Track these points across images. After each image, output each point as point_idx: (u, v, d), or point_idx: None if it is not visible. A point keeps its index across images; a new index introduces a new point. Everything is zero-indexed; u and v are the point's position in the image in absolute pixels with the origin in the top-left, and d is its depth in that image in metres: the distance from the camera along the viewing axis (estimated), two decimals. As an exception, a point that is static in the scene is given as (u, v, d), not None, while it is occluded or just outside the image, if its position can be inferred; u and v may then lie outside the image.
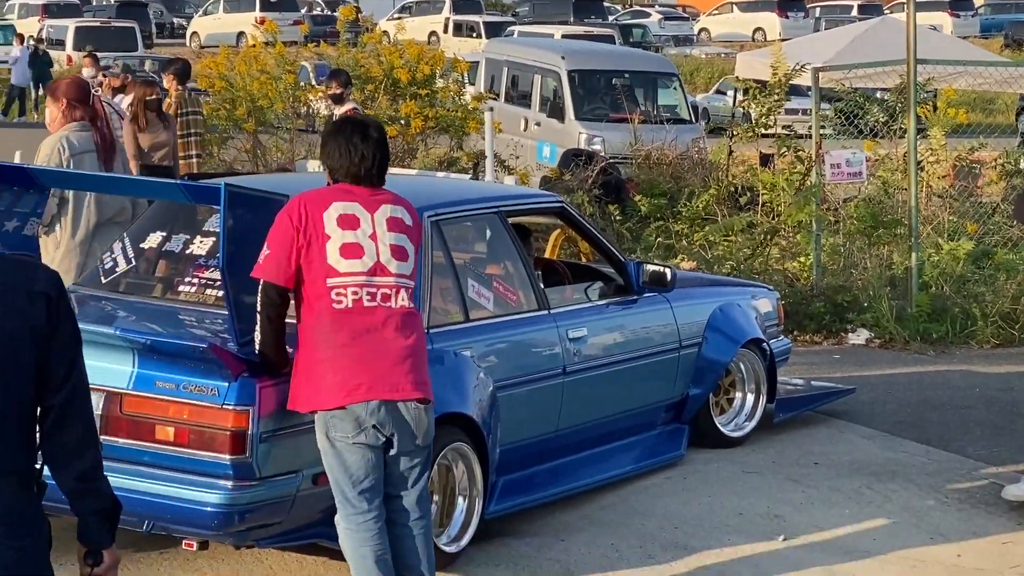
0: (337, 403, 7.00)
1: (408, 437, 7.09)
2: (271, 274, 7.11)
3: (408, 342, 7.13)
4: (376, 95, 19.93)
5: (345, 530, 7.14)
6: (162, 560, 8.04)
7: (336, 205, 7.12)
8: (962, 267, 15.78)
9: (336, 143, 7.27)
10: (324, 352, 7.08)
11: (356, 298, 7.06)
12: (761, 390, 10.93)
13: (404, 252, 7.18)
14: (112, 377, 7.33)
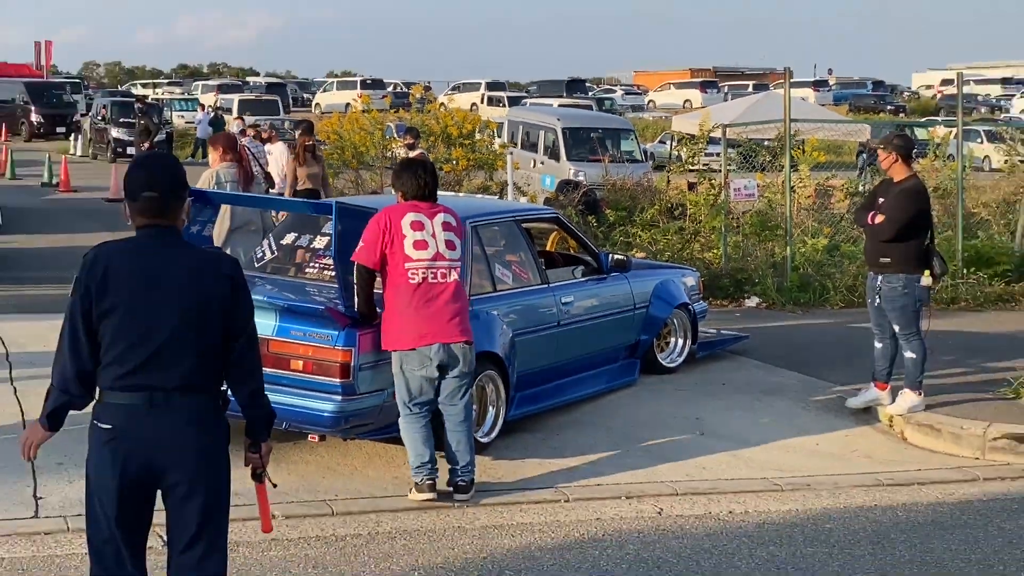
0: (410, 345, 7.12)
1: (457, 366, 7.18)
2: (364, 259, 7.24)
3: (458, 305, 7.24)
4: (436, 144, 19.95)
5: (403, 425, 7.30)
6: (296, 447, 8.06)
7: (409, 215, 7.24)
8: (820, 255, 15.74)
9: (407, 175, 7.38)
10: (403, 311, 7.16)
11: (424, 276, 7.14)
12: (688, 336, 10.90)
13: (453, 245, 7.28)
14: (262, 328, 7.12)
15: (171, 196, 4.50)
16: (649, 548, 6.76)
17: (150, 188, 4.47)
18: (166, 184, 4.50)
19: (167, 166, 4.62)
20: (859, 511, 7.62)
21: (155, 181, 4.48)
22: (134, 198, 4.48)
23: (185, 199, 4.58)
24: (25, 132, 46.74)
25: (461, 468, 7.37)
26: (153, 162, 4.67)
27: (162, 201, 4.47)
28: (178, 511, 4.48)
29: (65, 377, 4.45)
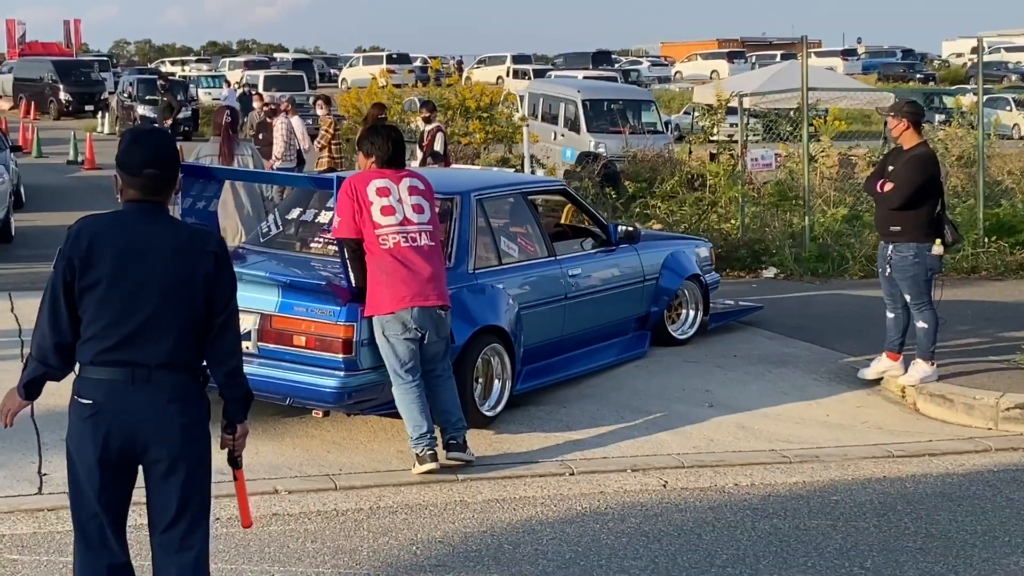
0: (389, 309, 7.13)
1: (434, 331, 7.20)
2: (344, 232, 7.26)
3: (433, 268, 7.22)
4: (454, 117, 19.91)
5: (398, 394, 7.25)
6: (301, 422, 8.05)
7: (374, 182, 7.26)
8: (839, 225, 15.64)
9: (376, 138, 7.41)
10: (379, 277, 7.16)
11: (395, 241, 7.13)
12: (699, 308, 10.80)
13: (421, 208, 7.27)
14: (265, 304, 7.37)
15: (171, 174, 4.49)
16: (651, 521, 6.71)
17: (153, 166, 4.43)
18: (167, 162, 4.47)
19: (167, 144, 4.57)
20: (867, 482, 7.54)
21: (158, 159, 4.44)
22: (134, 173, 4.43)
23: (177, 177, 4.57)
24: (54, 110, 46.99)
25: (452, 426, 7.36)
26: (153, 138, 4.61)
27: (162, 179, 4.45)
28: (159, 488, 4.45)
29: (43, 348, 4.42)
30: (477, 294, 8.06)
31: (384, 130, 7.53)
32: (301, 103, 35.53)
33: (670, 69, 73.19)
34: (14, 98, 50.10)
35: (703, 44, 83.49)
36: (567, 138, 24.33)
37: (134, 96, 39.71)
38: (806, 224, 15.15)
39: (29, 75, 50.12)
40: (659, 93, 49.83)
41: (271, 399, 7.43)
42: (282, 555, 6.03)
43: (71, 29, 65.91)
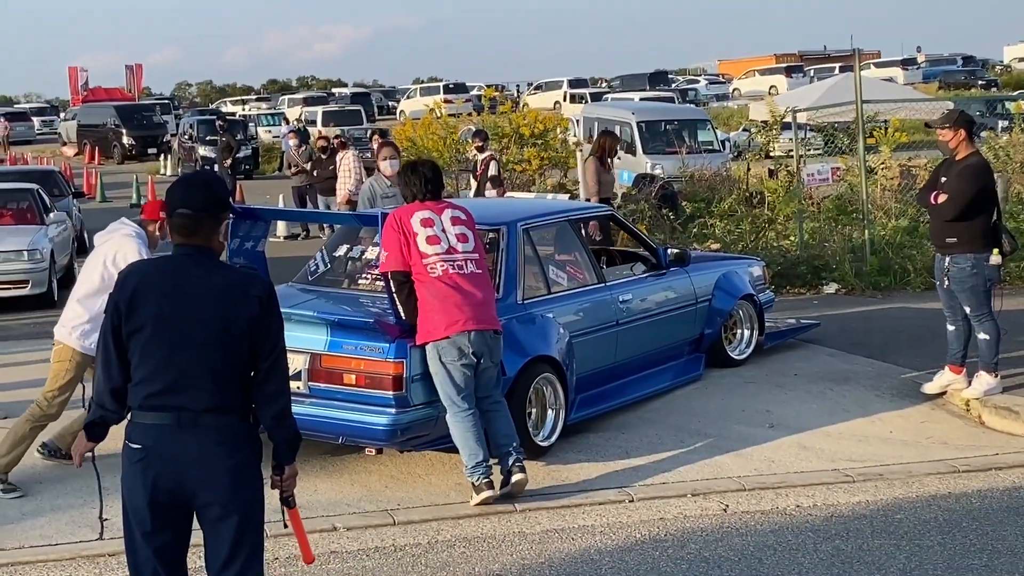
0: (443, 334, 7.18)
1: (488, 356, 7.24)
2: (392, 265, 7.36)
3: (482, 293, 7.30)
4: (509, 145, 19.97)
5: (453, 423, 7.27)
6: (359, 458, 8.06)
7: (417, 213, 7.36)
8: (900, 237, 15.49)
9: (411, 176, 7.54)
10: (432, 303, 7.21)
11: (444, 268, 7.20)
12: (754, 327, 10.73)
13: (466, 237, 7.36)
14: (314, 343, 7.41)
15: (205, 215, 4.49)
16: (711, 547, 6.65)
17: (184, 205, 4.49)
18: (199, 203, 4.50)
19: (205, 184, 4.63)
20: (931, 500, 7.43)
21: (190, 199, 4.50)
22: (170, 215, 4.50)
23: (221, 220, 4.57)
24: (117, 155, 47.74)
25: (515, 449, 7.35)
26: (192, 180, 4.70)
27: (195, 219, 4.48)
28: (212, 532, 4.49)
29: (100, 392, 4.52)
30: (527, 324, 8.06)
31: (418, 166, 7.61)
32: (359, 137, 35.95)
33: (728, 86, 72.83)
34: (79, 144, 51.02)
35: (761, 60, 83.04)
36: (623, 161, 24.23)
37: (194, 137, 40.16)
38: (866, 238, 15.01)
39: (92, 121, 50.99)
40: (717, 111, 49.68)
41: (323, 438, 7.47)
42: (340, 593, 6.05)
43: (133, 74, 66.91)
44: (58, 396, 7.60)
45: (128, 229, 7.63)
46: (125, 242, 7.53)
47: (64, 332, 7.62)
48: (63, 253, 16.83)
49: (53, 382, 7.64)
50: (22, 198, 17.35)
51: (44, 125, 67.02)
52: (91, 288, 7.56)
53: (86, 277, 7.65)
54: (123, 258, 7.43)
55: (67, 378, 7.56)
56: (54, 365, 7.68)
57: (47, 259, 15.42)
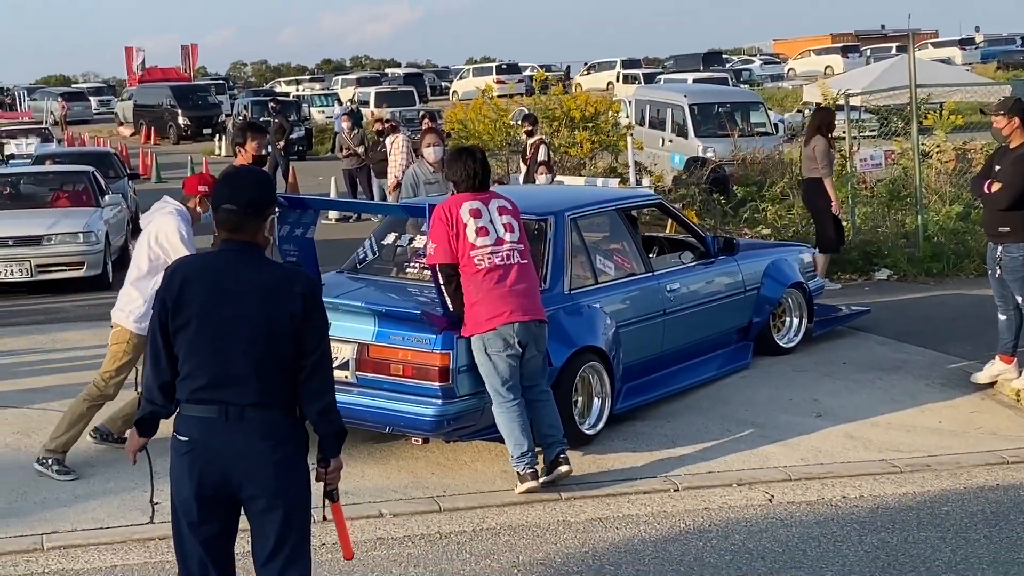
0: (489, 326, 7.18)
1: (533, 345, 7.24)
2: (440, 258, 7.35)
3: (526, 284, 7.31)
4: (559, 128, 19.93)
5: (499, 413, 7.29)
6: (406, 445, 8.11)
7: (466, 204, 7.34)
8: (954, 223, 15.34)
9: (457, 164, 7.52)
10: (476, 296, 7.24)
11: (491, 260, 7.19)
12: (803, 315, 10.68)
13: (512, 227, 7.36)
14: (361, 333, 7.47)
15: (249, 211, 4.53)
16: (755, 538, 6.66)
17: (229, 201, 4.53)
18: (244, 200, 4.54)
19: (251, 181, 4.66)
20: (979, 491, 7.38)
21: (235, 196, 4.55)
22: (215, 210, 4.55)
23: (267, 216, 4.60)
24: (173, 135, 48.13)
25: (557, 441, 7.37)
26: (238, 177, 4.72)
27: (240, 216, 4.52)
28: (258, 524, 4.56)
29: (149, 387, 4.60)
30: (574, 314, 8.08)
31: (466, 154, 7.58)
32: (411, 118, 36.01)
33: (783, 67, 72.19)
34: (135, 124, 51.48)
35: (816, 40, 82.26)
36: (675, 143, 24.16)
37: (248, 118, 40.43)
38: (919, 223, 14.87)
39: (148, 101, 51.40)
40: (771, 92, 49.30)
41: (370, 428, 7.53)
42: (385, 581, 6.11)
43: (189, 54, 67.33)
44: (115, 377, 7.73)
45: (169, 207, 7.75)
46: (165, 220, 7.66)
47: (121, 315, 7.76)
48: (118, 235, 17.01)
49: (111, 363, 7.78)
50: (78, 180, 17.54)
51: (101, 105, 67.70)
52: (141, 271, 7.69)
53: (136, 260, 7.78)
54: (164, 237, 7.56)
55: (124, 359, 7.69)
56: (112, 347, 7.82)
57: (102, 241, 15.59)
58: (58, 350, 11.36)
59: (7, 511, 7.11)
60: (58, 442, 7.71)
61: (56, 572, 6.24)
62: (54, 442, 7.72)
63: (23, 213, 16.26)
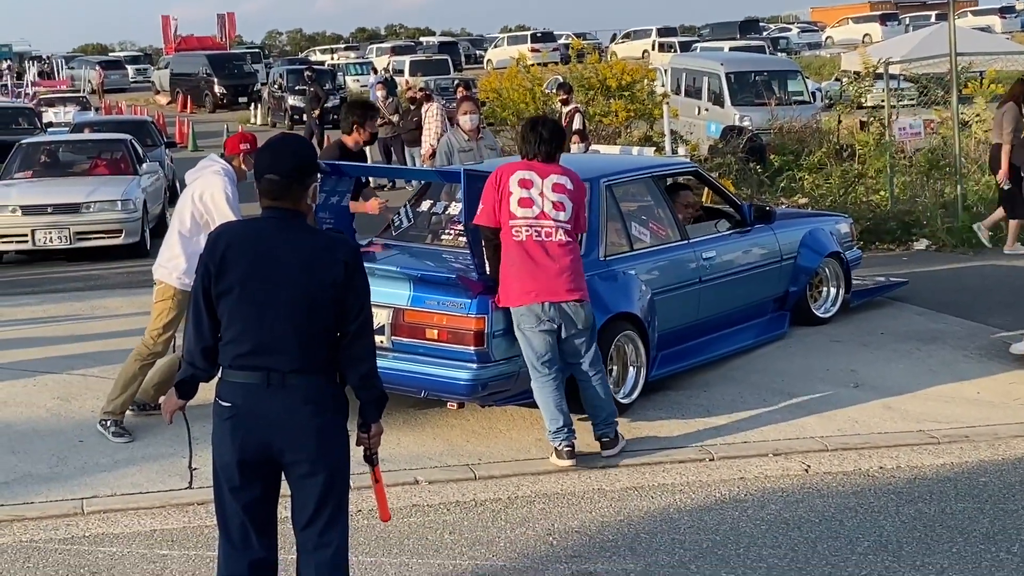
0: (520, 302, 7.16)
1: (571, 324, 7.17)
2: (483, 220, 7.33)
3: (565, 263, 7.18)
4: (595, 97, 19.85)
5: (535, 387, 7.27)
6: (441, 413, 8.13)
7: (519, 172, 7.27)
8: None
9: (525, 133, 7.44)
10: (509, 269, 7.21)
11: (528, 234, 7.14)
12: (840, 285, 10.62)
13: (562, 206, 7.21)
14: (397, 298, 7.46)
15: (293, 179, 4.53)
16: (791, 508, 6.64)
17: (272, 170, 4.53)
18: (287, 167, 4.53)
19: (294, 150, 4.65)
20: (1017, 462, 7.33)
21: (278, 165, 4.54)
22: (258, 179, 4.56)
23: (309, 184, 4.60)
24: (209, 104, 48.33)
25: (600, 421, 7.37)
26: (281, 146, 4.71)
27: (282, 184, 4.52)
28: (299, 489, 4.58)
29: (191, 350, 4.62)
30: (609, 281, 8.04)
31: (537, 124, 7.51)
32: (446, 87, 35.97)
33: (820, 35, 71.53)
34: (171, 93, 51.69)
35: (855, 7, 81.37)
36: (711, 112, 24.07)
37: (284, 87, 40.51)
38: (958, 193, 14.75)
39: (185, 70, 51.62)
40: (808, 60, 48.89)
41: (406, 392, 7.54)
42: (420, 547, 6.13)
43: (225, 22, 67.45)
44: (163, 334, 7.77)
45: (216, 166, 7.77)
46: (212, 180, 7.68)
47: (164, 272, 7.79)
48: (156, 203, 17.12)
49: (157, 321, 7.83)
50: (116, 149, 17.66)
51: (138, 74, 68.00)
52: (185, 226, 7.72)
53: (179, 216, 7.80)
54: (209, 196, 7.58)
55: (170, 316, 7.72)
56: (156, 304, 7.86)
57: (140, 209, 15.70)
58: (97, 317, 11.44)
59: (48, 476, 7.18)
60: (114, 404, 7.80)
61: (96, 536, 6.30)
62: (111, 404, 7.81)
63: (62, 181, 16.40)
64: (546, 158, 7.32)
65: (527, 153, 7.36)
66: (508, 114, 20.27)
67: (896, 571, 5.78)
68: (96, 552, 6.09)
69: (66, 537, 6.29)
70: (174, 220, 7.87)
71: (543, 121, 7.60)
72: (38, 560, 6.00)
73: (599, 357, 7.42)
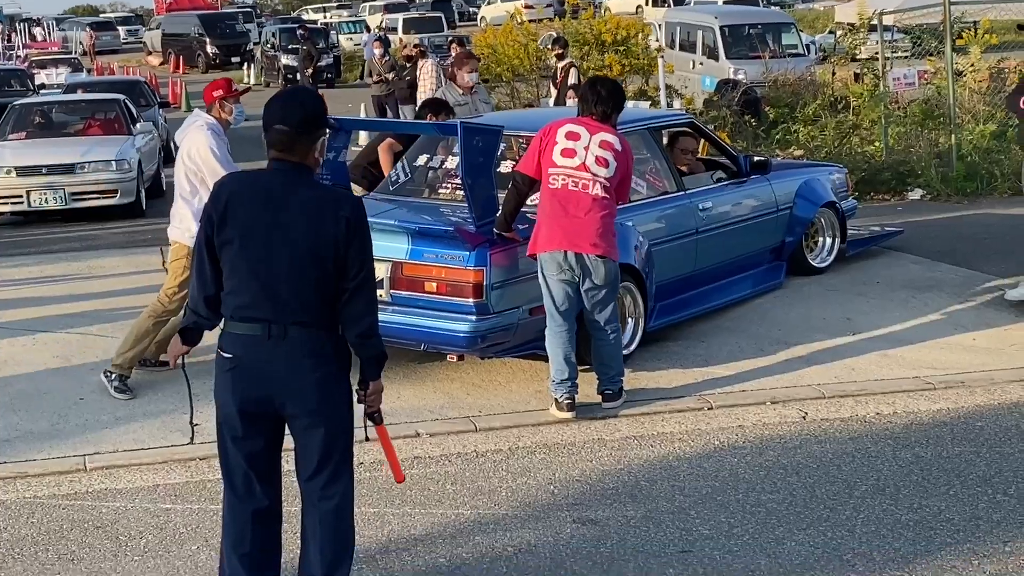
0: (544, 249, 7.17)
1: (590, 278, 7.15)
2: (521, 167, 7.35)
3: (596, 217, 7.15)
4: (590, 51, 19.79)
5: (548, 336, 7.28)
6: (441, 366, 8.17)
7: (568, 125, 7.27)
8: (988, 142, 15.19)
9: (586, 92, 7.43)
10: (541, 217, 7.22)
11: (564, 182, 7.12)
12: (836, 235, 10.64)
13: (605, 162, 7.20)
14: (395, 252, 7.47)
15: (301, 132, 4.48)
16: (790, 454, 6.68)
17: (281, 122, 4.49)
18: (296, 119, 4.49)
19: (303, 102, 4.59)
20: (1013, 407, 7.37)
21: (287, 116, 4.49)
22: (266, 130, 4.52)
23: (318, 137, 4.55)
24: (201, 64, 48.17)
25: (606, 378, 7.39)
26: (291, 96, 4.68)
27: (291, 137, 4.48)
28: (301, 441, 4.60)
29: (194, 299, 4.63)
30: (607, 233, 8.06)
31: (598, 83, 7.50)
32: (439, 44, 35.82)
33: (814, -13, 71.07)
34: (163, 53, 51.48)
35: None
36: (706, 66, 23.98)
37: (277, 46, 40.34)
38: (952, 143, 14.75)
39: (176, 30, 51.37)
40: (802, 13, 48.69)
41: (406, 345, 7.56)
42: (423, 497, 6.17)
43: (216, -18, 67.05)
44: (178, 292, 7.79)
45: (199, 121, 7.82)
46: (196, 136, 7.74)
47: (176, 232, 7.87)
48: (150, 163, 17.06)
49: (172, 279, 7.88)
50: (110, 108, 17.59)
51: (129, 34, 67.72)
52: (184, 187, 7.79)
53: (177, 178, 7.89)
54: (196, 151, 7.64)
55: (185, 275, 7.73)
56: (171, 263, 7.92)
57: (135, 169, 15.66)
58: (95, 276, 11.45)
59: (50, 433, 7.21)
60: (124, 358, 7.83)
61: (99, 491, 6.34)
62: (120, 357, 7.84)
63: (56, 142, 16.36)
64: (601, 117, 7.31)
65: (583, 110, 7.36)
66: (503, 70, 20.18)
67: (894, 514, 5.82)
68: (100, 507, 6.13)
69: (69, 493, 6.33)
70: (176, 183, 7.94)
71: (603, 80, 7.65)
72: (42, 515, 6.04)
73: (616, 315, 7.43)
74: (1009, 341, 8.71)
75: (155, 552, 5.58)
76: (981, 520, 5.74)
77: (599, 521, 5.83)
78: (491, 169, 7.71)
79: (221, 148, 7.65)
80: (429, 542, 5.64)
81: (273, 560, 4.75)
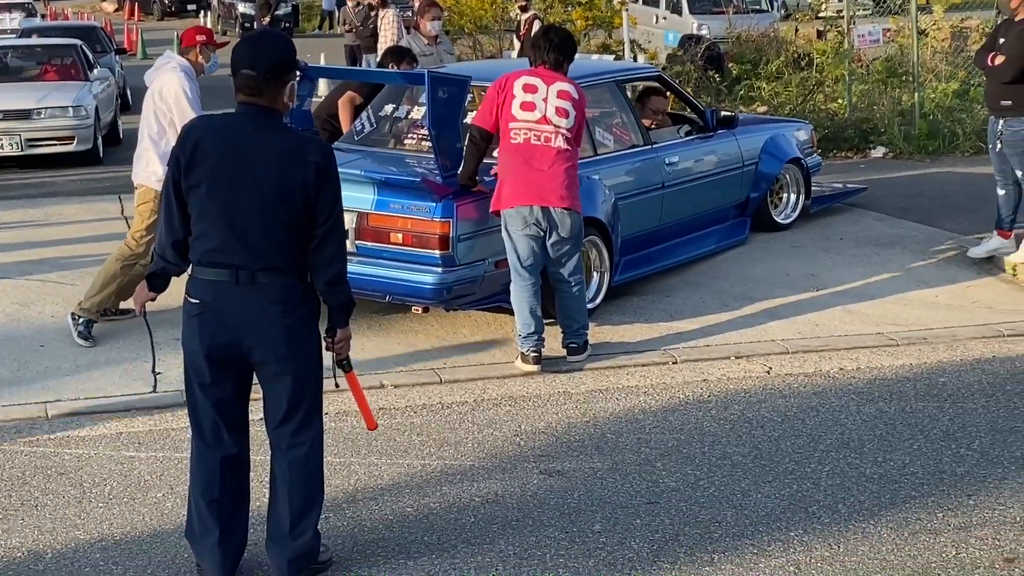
0: (508, 205, 7.14)
1: (557, 231, 7.14)
2: (478, 120, 7.31)
3: (560, 169, 7.14)
4: (553, 4, 19.69)
5: (513, 291, 7.29)
6: (406, 318, 8.15)
7: (524, 77, 7.25)
8: (950, 101, 15.27)
9: (538, 41, 7.40)
10: (504, 172, 7.18)
11: (526, 137, 7.10)
12: (801, 191, 10.69)
13: (565, 112, 7.18)
14: (361, 203, 7.41)
15: (270, 76, 4.43)
16: (754, 408, 6.73)
17: (250, 66, 4.44)
18: (265, 63, 4.44)
19: (273, 45, 4.55)
20: (975, 363, 7.46)
21: (255, 60, 4.44)
22: (234, 74, 4.47)
23: (287, 82, 4.50)
24: (157, 11, 47.43)
25: (571, 331, 7.40)
26: (260, 40, 4.63)
27: (260, 81, 4.43)
28: (270, 388, 4.59)
29: (162, 244, 4.58)
30: (572, 186, 8.05)
31: (550, 32, 7.48)
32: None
33: (777, -57, 71.03)
34: (118, 0, 50.65)
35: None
36: (669, 21, 23.95)
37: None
38: (915, 101, 14.81)
39: (131, -23, 50.46)
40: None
41: (371, 297, 7.54)
42: (389, 448, 6.17)
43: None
44: (146, 235, 7.70)
45: (173, 62, 7.73)
46: (169, 77, 7.64)
47: (142, 175, 7.78)
48: (107, 110, 16.85)
49: (139, 222, 7.80)
50: (66, 54, 17.35)
51: (83, -20, 66.52)
52: (152, 128, 7.68)
53: (145, 120, 7.77)
54: (169, 92, 7.55)
55: (152, 218, 7.62)
56: (138, 207, 7.85)
57: (92, 115, 15.47)
58: (53, 223, 11.31)
59: (10, 380, 7.15)
60: (92, 301, 7.76)
61: (62, 439, 6.29)
62: (88, 301, 7.76)
63: (11, 87, 16.11)
64: (554, 65, 7.29)
65: (535, 59, 7.34)
66: (466, 22, 20.07)
67: (858, 467, 5.89)
68: (63, 454, 6.09)
69: (31, 439, 6.28)
70: (142, 124, 7.82)
71: (555, 28, 7.65)
72: (3, 462, 5.99)
73: (581, 268, 7.44)
74: (971, 298, 8.80)
75: (120, 499, 5.56)
76: (945, 474, 5.81)
77: (565, 473, 5.86)
78: (458, 120, 7.65)
79: (194, 92, 7.57)
80: (396, 492, 5.64)
81: (241, 508, 4.75)
